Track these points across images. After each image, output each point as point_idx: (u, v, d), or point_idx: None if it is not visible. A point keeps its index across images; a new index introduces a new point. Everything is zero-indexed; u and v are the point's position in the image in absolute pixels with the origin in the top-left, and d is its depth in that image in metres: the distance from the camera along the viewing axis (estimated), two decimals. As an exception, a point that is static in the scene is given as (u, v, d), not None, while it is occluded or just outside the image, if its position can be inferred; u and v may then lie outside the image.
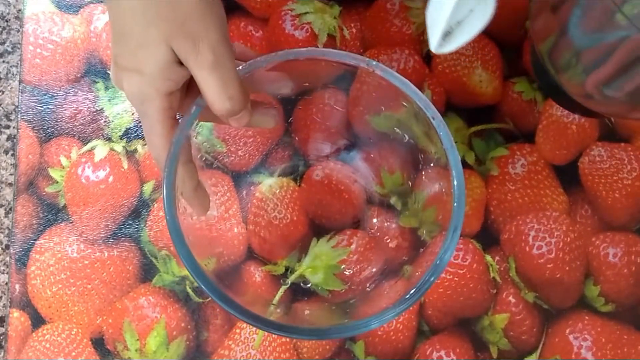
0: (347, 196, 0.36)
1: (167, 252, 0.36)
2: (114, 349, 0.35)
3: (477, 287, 0.36)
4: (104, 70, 0.37)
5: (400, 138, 0.31)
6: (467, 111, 0.37)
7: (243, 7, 0.38)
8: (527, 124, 0.37)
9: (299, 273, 0.34)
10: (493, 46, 0.38)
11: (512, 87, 0.37)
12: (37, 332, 0.35)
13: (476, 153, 0.37)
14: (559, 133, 0.37)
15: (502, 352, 0.35)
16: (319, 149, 0.36)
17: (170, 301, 0.35)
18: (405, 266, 0.30)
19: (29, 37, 0.37)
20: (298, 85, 0.32)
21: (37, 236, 0.36)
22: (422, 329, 0.35)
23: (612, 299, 0.36)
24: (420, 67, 0.37)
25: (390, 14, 0.38)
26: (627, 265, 0.36)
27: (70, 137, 0.37)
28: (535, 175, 0.37)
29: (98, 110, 0.37)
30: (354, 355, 0.35)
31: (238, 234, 0.35)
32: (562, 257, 0.36)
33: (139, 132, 0.37)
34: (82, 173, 0.36)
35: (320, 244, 0.35)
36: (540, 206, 0.36)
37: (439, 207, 0.29)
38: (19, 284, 0.36)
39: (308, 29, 0.37)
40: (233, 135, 0.34)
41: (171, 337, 0.35)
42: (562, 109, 0.37)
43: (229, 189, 0.35)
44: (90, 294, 0.36)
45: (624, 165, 0.37)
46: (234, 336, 0.35)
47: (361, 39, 0.38)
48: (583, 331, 0.35)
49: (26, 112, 0.37)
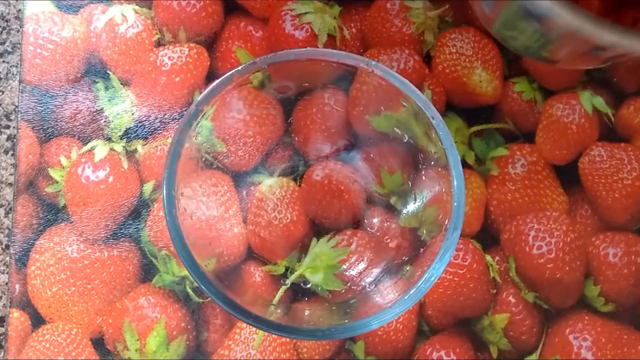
0: (347, 196, 0.36)
1: (167, 252, 0.36)
2: (114, 349, 0.35)
3: (477, 287, 0.36)
4: (104, 70, 0.37)
5: (400, 138, 0.31)
6: (467, 111, 0.37)
7: (243, 7, 0.38)
8: (527, 124, 0.37)
9: (299, 273, 0.34)
10: (493, 46, 0.38)
11: (512, 87, 0.37)
12: (37, 332, 0.35)
13: (476, 153, 0.37)
14: (559, 133, 0.37)
15: (502, 352, 0.35)
16: (319, 149, 0.36)
17: (170, 301, 0.35)
18: (406, 266, 0.30)
19: (29, 37, 0.37)
20: (298, 86, 0.32)
21: (37, 236, 0.36)
22: (422, 329, 0.35)
23: (612, 299, 0.36)
24: (420, 67, 0.37)
25: (390, 14, 0.38)
26: (627, 265, 0.36)
27: (70, 137, 0.37)
28: (535, 175, 0.37)
29: (98, 110, 0.37)
30: (354, 355, 0.35)
31: (238, 234, 0.35)
32: (562, 257, 0.36)
33: (139, 132, 0.37)
34: (82, 173, 0.36)
35: (320, 244, 0.35)
36: (540, 206, 0.36)
37: (439, 207, 0.29)
38: (19, 284, 0.36)
39: (308, 29, 0.37)
40: (233, 135, 0.34)
41: (171, 337, 0.35)
42: (562, 109, 0.37)
43: (229, 189, 0.35)
44: (90, 294, 0.36)
45: (624, 165, 0.37)
46: (234, 336, 0.35)
47: (361, 39, 0.38)
48: (583, 331, 0.35)
49: (26, 112, 0.37)
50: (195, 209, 0.31)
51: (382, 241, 0.34)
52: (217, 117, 0.31)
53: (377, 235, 0.35)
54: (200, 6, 0.38)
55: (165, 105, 0.37)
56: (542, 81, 0.37)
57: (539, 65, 0.37)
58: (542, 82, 0.37)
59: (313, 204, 0.36)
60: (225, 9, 0.38)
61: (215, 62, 0.38)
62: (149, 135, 0.37)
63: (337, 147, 0.36)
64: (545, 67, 0.37)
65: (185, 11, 0.38)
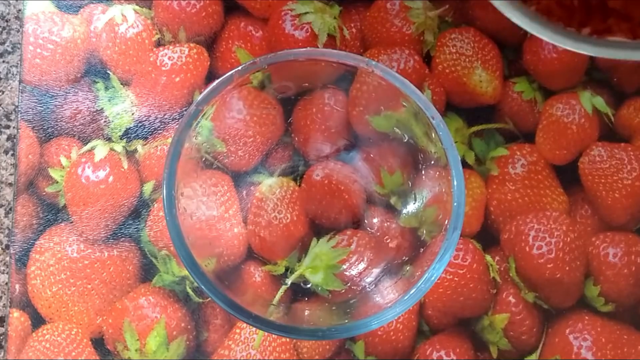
0: (347, 196, 0.36)
1: (167, 252, 0.36)
2: (114, 349, 0.35)
3: (477, 287, 0.36)
4: (104, 70, 0.37)
5: (400, 138, 0.31)
6: (467, 111, 0.37)
7: (243, 7, 0.38)
8: (527, 124, 0.37)
9: (299, 273, 0.34)
10: (493, 46, 0.38)
11: (512, 87, 0.37)
12: (37, 332, 0.35)
13: (476, 153, 0.37)
14: (559, 133, 0.37)
15: (502, 352, 0.35)
16: (319, 149, 0.36)
17: (170, 301, 0.35)
18: (406, 266, 0.30)
19: (29, 37, 0.37)
20: (298, 86, 0.32)
21: (37, 236, 0.36)
22: (422, 329, 0.35)
23: (612, 299, 0.36)
24: (420, 67, 0.37)
25: (390, 14, 0.38)
26: (627, 265, 0.36)
27: (70, 137, 0.37)
28: (535, 175, 0.37)
29: (98, 110, 0.37)
30: (354, 355, 0.35)
31: (238, 234, 0.35)
32: (562, 257, 0.36)
33: (139, 132, 0.37)
34: (82, 173, 0.36)
35: (320, 244, 0.35)
36: (540, 206, 0.36)
37: (439, 207, 0.29)
38: (19, 284, 0.36)
39: (308, 29, 0.37)
40: (233, 135, 0.34)
41: (171, 337, 0.35)
42: (562, 109, 0.37)
43: (229, 189, 0.35)
44: (90, 294, 0.36)
45: (624, 165, 0.37)
46: (234, 336, 0.35)
47: (361, 39, 0.38)
48: (583, 331, 0.35)
49: (26, 112, 0.37)
50: (195, 209, 0.31)
51: (382, 241, 0.34)
52: (217, 117, 0.31)
53: (377, 235, 0.35)
54: (200, 6, 0.38)
55: (165, 105, 0.37)
56: (542, 81, 0.37)
57: (539, 65, 0.37)
58: (542, 82, 0.37)
59: (313, 204, 0.36)
60: (225, 9, 0.38)
61: (215, 62, 0.38)
62: (149, 135, 0.37)
63: (337, 147, 0.36)
64: (546, 67, 0.37)
65: (185, 11, 0.38)
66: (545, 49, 0.37)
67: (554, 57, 0.37)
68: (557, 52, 0.37)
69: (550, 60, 0.37)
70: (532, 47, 0.38)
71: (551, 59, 0.37)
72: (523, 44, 0.38)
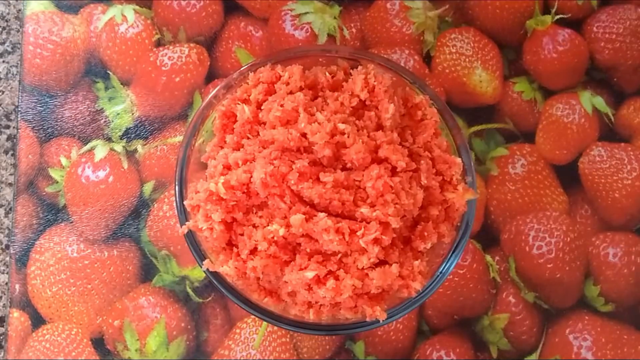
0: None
1: (167, 252, 0.36)
2: (114, 349, 0.35)
3: (477, 287, 0.36)
4: (104, 70, 0.37)
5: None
6: (467, 111, 0.37)
7: (243, 7, 0.38)
8: (527, 124, 0.37)
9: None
10: (493, 46, 0.38)
11: (512, 87, 0.37)
12: (37, 332, 0.35)
13: (476, 153, 0.37)
14: (559, 133, 0.37)
15: (502, 352, 0.35)
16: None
17: (170, 301, 0.35)
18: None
19: (29, 37, 0.37)
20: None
21: (37, 236, 0.36)
22: (422, 329, 0.35)
23: (612, 299, 0.36)
24: (420, 67, 0.37)
25: (390, 14, 0.38)
26: (627, 265, 0.36)
27: (70, 137, 0.37)
28: (535, 175, 0.37)
29: (98, 110, 0.37)
30: (354, 355, 0.35)
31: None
32: (562, 257, 0.36)
33: (139, 132, 0.37)
34: (82, 173, 0.36)
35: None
36: (540, 206, 0.36)
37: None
38: (19, 284, 0.36)
39: (308, 29, 0.37)
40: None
41: (171, 337, 0.35)
42: (562, 109, 0.37)
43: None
44: (90, 294, 0.36)
45: (624, 165, 0.37)
46: (234, 336, 0.35)
47: (361, 39, 0.38)
48: (583, 331, 0.35)
49: (26, 112, 0.37)
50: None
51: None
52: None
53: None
54: (200, 6, 0.38)
55: (165, 105, 0.37)
56: (542, 81, 0.37)
57: (539, 65, 0.37)
58: (542, 82, 0.37)
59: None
60: (225, 9, 0.38)
61: (215, 62, 0.38)
62: (149, 135, 0.37)
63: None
64: (546, 67, 0.37)
65: (185, 11, 0.38)
66: (545, 49, 0.37)
67: (554, 57, 0.37)
68: (557, 52, 0.37)
69: (550, 60, 0.37)
70: (532, 47, 0.38)
71: (551, 59, 0.37)
72: (523, 44, 0.38)
